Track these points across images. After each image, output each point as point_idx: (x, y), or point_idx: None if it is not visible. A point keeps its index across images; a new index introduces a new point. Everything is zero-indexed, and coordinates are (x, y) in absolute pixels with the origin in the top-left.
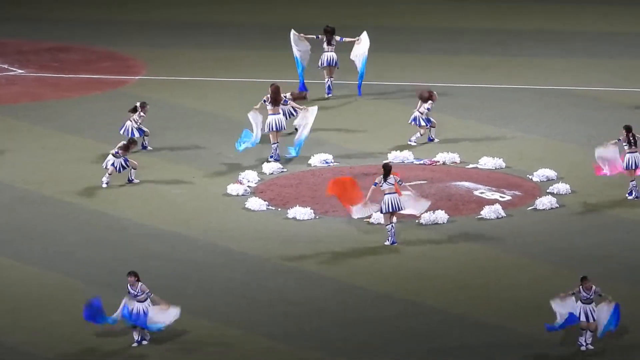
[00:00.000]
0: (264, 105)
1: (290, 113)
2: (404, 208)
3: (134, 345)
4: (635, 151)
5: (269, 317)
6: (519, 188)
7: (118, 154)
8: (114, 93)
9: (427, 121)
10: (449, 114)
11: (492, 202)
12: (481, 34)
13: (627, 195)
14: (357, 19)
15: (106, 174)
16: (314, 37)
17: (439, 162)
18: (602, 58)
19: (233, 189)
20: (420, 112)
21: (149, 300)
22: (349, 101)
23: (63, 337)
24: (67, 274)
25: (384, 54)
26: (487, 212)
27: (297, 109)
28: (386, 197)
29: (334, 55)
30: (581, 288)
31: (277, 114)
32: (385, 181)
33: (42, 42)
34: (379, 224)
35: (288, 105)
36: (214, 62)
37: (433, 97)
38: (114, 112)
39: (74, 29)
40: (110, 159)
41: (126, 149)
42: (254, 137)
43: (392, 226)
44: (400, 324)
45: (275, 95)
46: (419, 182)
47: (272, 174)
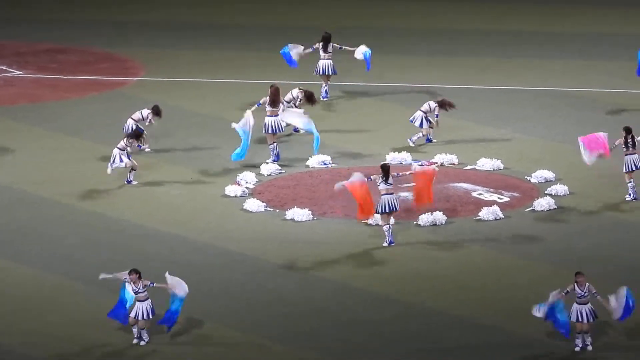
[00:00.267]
0: (259, 108)
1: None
2: (398, 210)
3: (135, 341)
4: (634, 153)
5: (267, 318)
6: (517, 189)
7: (128, 144)
8: (113, 94)
9: (427, 122)
10: (447, 115)
11: (490, 203)
12: (479, 35)
13: (626, 197)
14: (356, 20)
15: (129, 172)
16: (310, 50)
17: (437, 163)
18: (600, 59)
19: (231, 190)
20: (423, 112)
21: (148, 292)
22: (347, 102)
23: (61, 338)
24: (66, 275)
25: (382, 55)
26: (485, 213)
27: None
28: (383, 198)
29: (329, 62)
30: (575, 285)
31: (275, 115)
32: (384, 182)
33: (40, 44)
34: (377, 225)
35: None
36: (213, 63)
37: (449, 108)
38: (112, 113)
39: (72, 30)
40: (118, 155)
41: (137, 137)
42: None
43: (389, 227)
44: (399, 325)
45: (274, 97)
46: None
47: (270, 175)
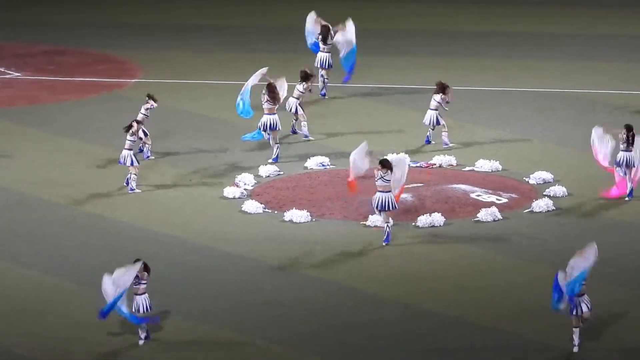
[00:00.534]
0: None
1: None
2: (397, 208)
3: (141, 342)
4: (630, 150)
5: (265, 319)
6: (515, 191)
7: (133, 142)
8: (110, 96)
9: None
10: (446, 117)
11: (488, 204)
12: (477, 36)
13: (626, 197)
14: (355, 21)
15: (132, 175)
16: (318, 33)
17: (435, 164)
18: (598, 61)
19: (229, 191)
20: (433, 109)
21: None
22: (345, 104)
23: (58, 340)
24: (63, 277)
25: (380, 57)
26: (484, 214)
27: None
28: (378, 195)
29: (327, 55)
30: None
31: (273, 114)
32: (382, 177)
33: (38, 45)
34: (376, 226)
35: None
36: (211, 64)
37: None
38: (110, 115)
39: (70, 32)
40: (128, 156)
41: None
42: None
43: (388, 226)
44: (397, 327)
45: (270, 94)
46: (415, 184)
47: (268, 176)
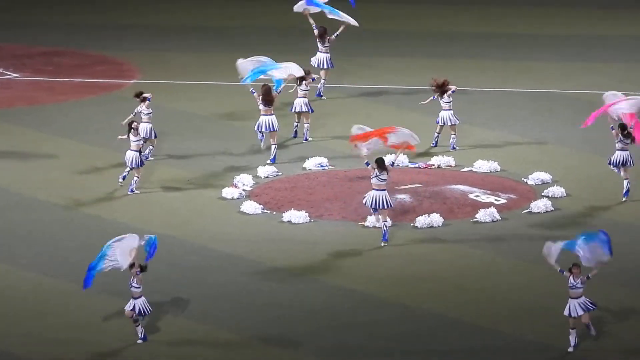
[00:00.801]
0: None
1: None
2: (392, 206)
3: (139, 342)
4: (626, 149)
5: (263, 320)
6: (514, 191)
7: (138, 141)
8: (109, 97)
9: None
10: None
11: (487, 205)
12: (476, 37)
13: (623, 197)
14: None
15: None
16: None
17: (433, 165)
18: (596, 62)
19: (228, 192)
20: (447, 109)
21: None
22: (344, 104)
23: (58, 341)
24: (62, 278)
25: (379, 57)
26: (482, 215)
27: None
28: (372, 193)
29: (326, 56)
30: (571, 276)
31: (270, 114)
32: (377, 175)
33: (36, 47)
34: (374, 227)
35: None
36: (208, 65)
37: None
38: (108, 116)
39: (69, 33)
40: (132, 157)
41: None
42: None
43: (385, 225)
44: (396, 327)
45: (265, 97)
46: (414, 185)
47: (267, 177)
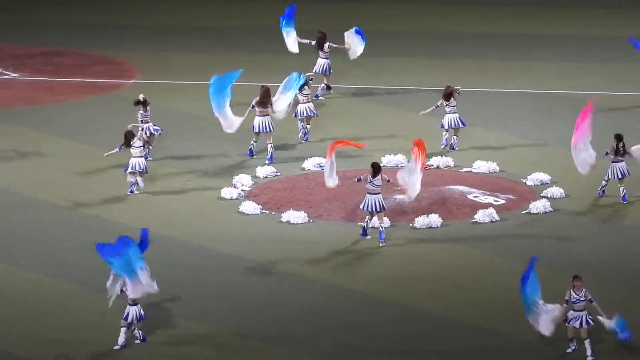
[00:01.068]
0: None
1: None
2: (385, 208)
3: (116, 347)
4: (622, 160)
5: (262, 320)
6: (512, 192)
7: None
8: (108, 97)
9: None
10: (443, 118)
11: (486, 206)
12: (475, 38)
13: (621, 200)
14: (350, 23)
15: (138, 180)
16: (308, 43)
17: (432, 166)
18: (595, 62)
19: (227, 192)
20: (453, 113)
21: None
22: (342, 105)
23: (58, 341)
24: (61, 278)
25: (379, 58)
26: (481, 216)
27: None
28: (367, 197)
29: (326, 62)
30: (572, 290)
31: (264, 115)
32: (371, 181)
33: (36, 47)
34: (373, 227)
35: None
36: (207, 65)
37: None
38: (108, 116)
39: (68, 33)
40: (135, 163)
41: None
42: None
43: (381, 226)
44: (396, 328)
45: (263, 98)
46: None
47: (266, 177)
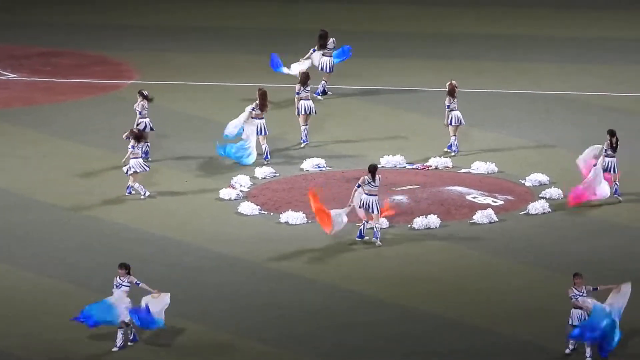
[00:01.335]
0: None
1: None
2: (378, 211)
3: (114, 349)
4: (614, 156)
5: (261, 321)
6: (511, 193)
7: (134, 148)
8: (107, 97)
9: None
10: (441, 119)
11: (484, 206)
12: (474, 39)
13: (615, 197)
14: (350, 24)
15: (133, 184)
16: (311, 52)
17: (431, 166)
18: (594, 63)
19: (225, 193)
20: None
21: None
22: (342, 105)
23: (56, 341)
24: (60, 278)
25: (377, 59)
26: (480, 216)
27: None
28: (363, 197)
29: (328, 60)
30: (573, 288)
31: (261, 118)
32: (369, 182)
33: (34, 47)
34: (371, 228)
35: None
36: (206, 66)
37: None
38: (106, 117)
39: (66, 33)
40: (131, 165)
41: (137, 138)
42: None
43: (376, 226)
44: (393, 329)
45: (262, 100)
46: (411, 186)
47: (264, 178)
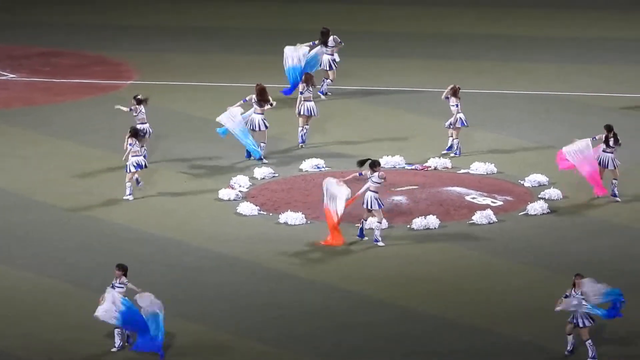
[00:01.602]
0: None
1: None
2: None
3: (113, 350)
4: (612, 152)
5: (260, 321)
6: (510, 193)
7: (133, 146)
8: (106, 97)
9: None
10: (441, 119)
11: (483, 207)
12: (474, 39)
13: (611, 196)
14: (350, 24)
15: (131, 180)
16: (311, 44)
17: (430, 167)
18: (594, 64)
19: (225, 193)
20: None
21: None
22: (341, 106)
23: (55, 341)
24: (59, 278)
25: (375, 59)
26: (479, 217)
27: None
28: (366, 194)
29: (329, 58)
30: (573, 290)
31: (261, 113)
32: (370, 177)
33: (33, 47)
34: (370, 228)
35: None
36: (205, 66)
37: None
38: (106, 117)
39: (66, 33)
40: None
41: (134, 135)
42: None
43: (377, 226)
44: (392, 329)
45: (260, 96)
46: (410, 187)
47: (263, 178)
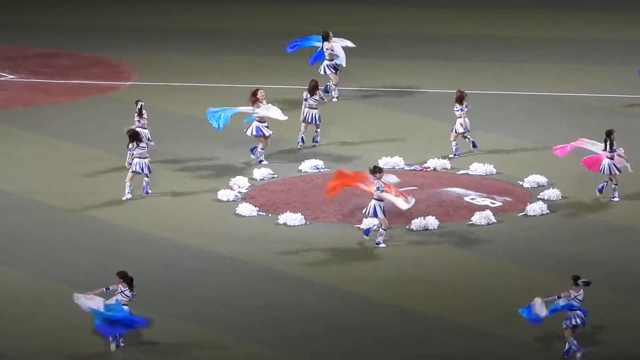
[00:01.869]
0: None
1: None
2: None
3: (113, 349)
4: (612, 157)
5: (259, 323)
6: (509, 194)
7: (131, 150)
8: (104, 98)
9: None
10: (440, 120)
11: (482, 208)
12: (471, 40)
13: (611, 198)
14: (348, 26)
15: (130, 181)
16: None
17: (429, 168)
18: (592, 64)
19: (224, 194)
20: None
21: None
22: (340, 107)
23: (51, 343)
24: (57, 279)
25: (373, 60)
26: (478, 218)
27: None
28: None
29: (326, 63)
30: (571, 291)
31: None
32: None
33: (32, 48)
34: (376, 229)
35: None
36: (204, 68)
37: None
38: (104, 118)
39: (64, 34)
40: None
41: (130, 137)
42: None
43: (379, 228)
44: (391, 330)
45: (253, 97)
46: (409, 187)
47: (262, 179)
